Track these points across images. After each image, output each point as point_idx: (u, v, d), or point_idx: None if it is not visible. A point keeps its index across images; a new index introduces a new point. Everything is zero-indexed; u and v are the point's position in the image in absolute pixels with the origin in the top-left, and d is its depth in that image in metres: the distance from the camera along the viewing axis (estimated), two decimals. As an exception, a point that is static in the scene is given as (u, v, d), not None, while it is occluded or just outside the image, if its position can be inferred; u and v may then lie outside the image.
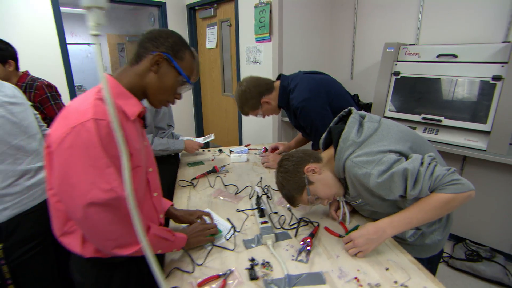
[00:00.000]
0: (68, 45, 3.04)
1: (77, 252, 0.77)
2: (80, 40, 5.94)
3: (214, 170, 1.58)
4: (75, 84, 3.18)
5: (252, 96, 1.54)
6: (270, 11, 2.70)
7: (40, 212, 1.21)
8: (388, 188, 0.90)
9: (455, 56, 2.01)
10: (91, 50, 6.03)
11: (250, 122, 3.28)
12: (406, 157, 0.93)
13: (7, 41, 1.69)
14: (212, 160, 1.80)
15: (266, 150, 1.88)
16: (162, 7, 3.63)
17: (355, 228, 1.00)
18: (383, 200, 0.96)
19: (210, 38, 3.64)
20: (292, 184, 1.01)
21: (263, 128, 3.06)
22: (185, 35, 3.87)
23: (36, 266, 1.24)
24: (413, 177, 0.87)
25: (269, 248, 0.98)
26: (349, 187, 1.02)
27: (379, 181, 0.89)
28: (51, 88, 1.82)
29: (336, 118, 1.10)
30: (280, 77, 1.63)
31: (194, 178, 1.52)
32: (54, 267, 1.33)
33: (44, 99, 1.77)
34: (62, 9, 2.95)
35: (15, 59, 1.73)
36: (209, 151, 1.98)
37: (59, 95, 1.87)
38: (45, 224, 1.26)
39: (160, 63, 0.80)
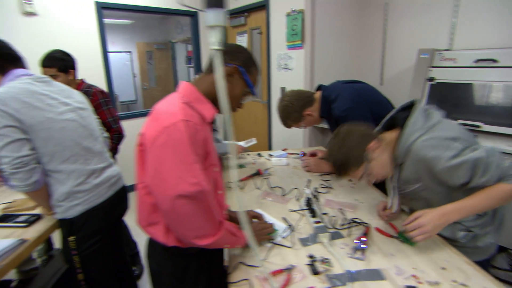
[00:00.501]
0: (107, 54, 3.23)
1: (161, 241, 0.86)
2: (118, 48, 6.19)
3: (258, 173, 1.66)
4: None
5: (294, 109, 1.59)
6: (303, 19, 2.77)
7: (105, 209, 1.32)
8: (455, 174, 0.93)
9: (495, 61, 2.00)
10: (128, 58, 6.29)
11: (280, 128, 3.34)
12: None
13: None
14: (253, 163, 1.87)
15: (304, 154, 1.94)
16: (194, 16, 3.78)
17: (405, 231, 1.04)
18: (442, 187, 1.00)
19: (240, 46, 3.75)
20: (352, 157, 1.01)
21: (293, 134, 3.12)
22: (215, 42, 4.00)
23: (101, 257, 1.35)
24: (484, 166, 0.90)
25: (326, 245, 1.03)
26: (408, 172, 1.04)
27: (448, 165, 0.92)
28: (104, 94, 1.96)
29: (398, 107, 1.11)
30: (319, 88, 1.69)
31: (240, 180, 1.60)
32: (113, 258, 1.44)
33: (98, 105, 1.90)
34: (105, 20, 3.15)
35: (74, 68, 1.88)
36: (248, 154, 2.06)
37: (110, 101, 2.01)
38: (108, 220, 1.38)
39: (233, 74, 0.89)
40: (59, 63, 1.79)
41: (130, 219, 1.56)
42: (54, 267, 1.72)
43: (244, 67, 0.90)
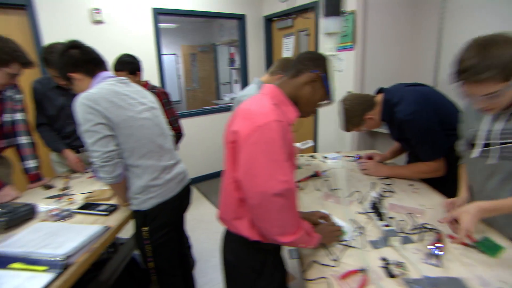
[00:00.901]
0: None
1: (245, 234, 0.91)
2: (165, 51, 6.50)
3: (315, 175, 1.67)
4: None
5: (356, 114, 1.58)
6: (354, 20, 2.73)
7: (174, 203, 1.41)
8: None
9: None
10: (175, 60, 6.59)
11: (325, 131, 3.32)
12: None
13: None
14: (308, 165, 1.89)
15: (360, 157, 1.92)
16: (242, 19, 3.88)
17: (485, 241, 0.99)
18: None
19: (286, 48, 3.78)
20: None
21: (339, 137, 3.08)
22: (261, 44, 4.08)
23: (169, 248, 1.45)
24: None
25: (398, 249, 1.02)
26: None
27: None
28: (166, 95, 2.09)
29: None
30: (380, 90, 1.66)
31: (299, 181, 1.62)
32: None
33: (161, 105, 2.03)
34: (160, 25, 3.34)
35: (140, 70, 2.03)
36: (301, 156, 2.08)
37: (171, 102, 2.14)
38: (176, 213, 1.47)
39: (316, 81, 0.93)
40: (129, 66, 1.95)
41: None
42: (119, 257, 1.86)
43: (326, 74, 0.95)
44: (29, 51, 1.57)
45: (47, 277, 0.95)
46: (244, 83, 4.14)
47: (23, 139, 1.74)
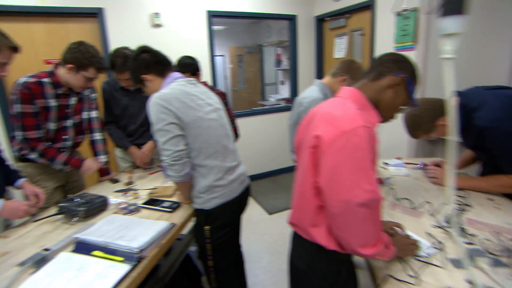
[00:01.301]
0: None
1: (321, 243, 0.88)
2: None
3: (379, 182, 1.58)
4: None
5: (426, 120, 1.45)
6: (416, 18, 2.56)
7: (236, 204, 1.42)
8: None
9: None
10: (223, 62, 6.76)
11: (383, 136, 3.15)
12: None
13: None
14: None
15: (425, 165, 1.78)
16: (293, 19, 3.84)
17: None
18: None
19: (338, 48, 3.67)
20: None
21: (395, 143, 2.91)
22: (311, 45, 4.00)
23: (228, 247, 1.47)
24: None
25: (488, 272, 0.92)
26: None
27: None
28: (224, 95, 2.13)
29: None
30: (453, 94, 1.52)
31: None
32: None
33: (220, 105, 2.08)
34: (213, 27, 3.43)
35: (199, 71, 2.09)
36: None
37: (228, 102, 2.17)
38: (237, 214, 1.48)
39: (399, 84, 0.87)
40: (190, 68, 2.01)
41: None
42: (176, 253, 1.92)
43: (411, 78, 0.89)
44: None
45: (124, 267, 1.00)
46: (293, 84, 4.09)
47: (97, 136, 1.88)
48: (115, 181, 1.86)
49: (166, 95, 1.24)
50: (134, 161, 2.05)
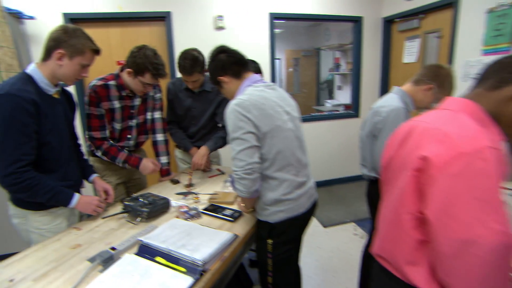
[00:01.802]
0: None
1: (420, 286, 0.72)
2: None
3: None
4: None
5: None
6: (515, 17, 2.19)
7: (302, 219, 1.31)
8: None
9: None
10: (280, 65, 6.71)
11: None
12: None
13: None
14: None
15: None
16: (358, 21, 3.61)
17: None
18: None
19: (409, 52, 3.36)
20: None
21: None
22: (377, 48, 3.73)
23: (289, 264, 1.36)
24: None
25: None
26: None
27: None
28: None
29: None
30: None
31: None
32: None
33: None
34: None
35: (261, 73, 2.02)
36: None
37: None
38: (302, 230, 1.37)
39: None
40: (253, 71, 1.95)
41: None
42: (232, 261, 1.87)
43: None
44: (164, 57, 1.70)
45: (187, 280, 0.95)
46: (356, 89, 3.84)
47: (160, 136, 1.91)
48: (175, 182, 1.87)
49: (245, 101, 1.16)
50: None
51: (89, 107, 1.59)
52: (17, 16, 2.67)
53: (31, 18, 2.71)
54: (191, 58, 1.78)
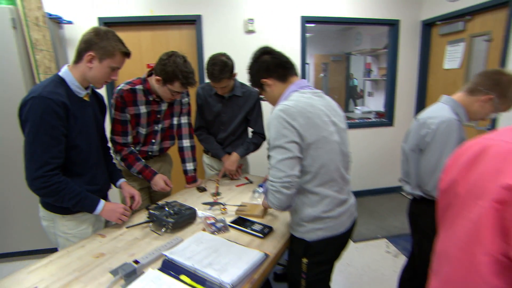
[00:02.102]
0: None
1: None
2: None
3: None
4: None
5: None
6: None
7: (342, 239, 1.19)
8: None
9: None
10: (310, 70, 6.62)
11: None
12: None
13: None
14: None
15: None
16: (395, 25, 3.42)
17: None
18: None
19: (450, 57, 3.12)
20: None
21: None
22: (415, 53, 3.51)
23: (324, 285, 1.25)
24: None
25: None
26: None
27: None
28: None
29: None
30: None
31: None
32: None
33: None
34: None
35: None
36: None
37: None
38: (341, 250, 1.24)
39: None
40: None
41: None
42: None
43: None
44: (193, 61, 1.65)
45: (214, 306, 0.86)
46: (390, 96, 3.62)
47: (186, 142, 1.86)
48: (202, 189, 1.80)
49: (291, 108, 1.06)
50: (226, 171, 1.97)
51: (114, 111, 1.59)
52: (57, 21, 2.77)
53: (69, 22, 2.80)
54: (219, 64, 1.72)
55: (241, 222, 1.36)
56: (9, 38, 2.23)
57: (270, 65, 1.17)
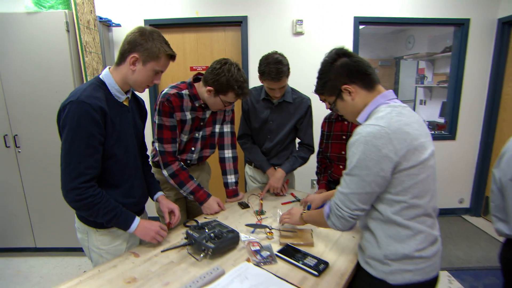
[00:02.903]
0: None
1: None
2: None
3: None
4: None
5: None
6: None
7: (431, 286, 0.95)
8: None
9: None
10: None
11: None
12: None
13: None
14: None
15: None
16: (463, 25, 3.01)
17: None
18: None
19: (535, 61, 2.66)
20: None
21: None
22: (487, 56, 3.07)
23: None
24: None
25: None
26: None
27: None
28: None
29: None
30: None
31: None
32: None
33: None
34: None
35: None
36: None
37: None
38: None
39: None
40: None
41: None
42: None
43: None
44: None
45: None
46: (453, 106, 3.19)
47: (228, 153, 1.70)
48: (244, 205, 1.63)
49: (384, 131, 0.84)
50: (270, 188, 1.79)
51: (161, 117, 1.45)
52: (107, 24, 2.81)
53: (117, 25, 2.82)
54: (276, 62, 1.56)
55: (291, 252, 1.16)
56: (62, 41, 2.27)
57: (353, 70, 0.95)
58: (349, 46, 2.92)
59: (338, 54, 0.99)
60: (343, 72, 0.96)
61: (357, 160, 0.85)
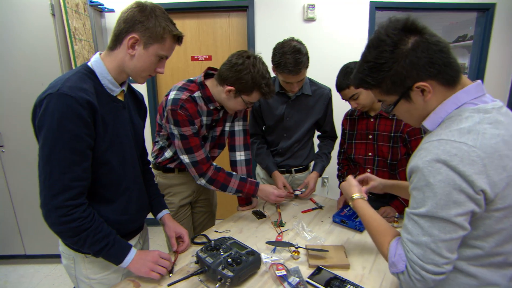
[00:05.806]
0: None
1: None
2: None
3: None
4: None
5: None
6: None
7: None
8: None
9: None
10: None
11: None
12: None
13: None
14: None
15: None
16: (488, 10, 2.78)
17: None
18: None
19: None
20: None
21: None
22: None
23: None
24: None
25: None
26: None
27: None
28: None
29: None
30: None
31: None
32: None
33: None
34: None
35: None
36: None
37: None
38: None
39: None
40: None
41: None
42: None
43: None
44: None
45: None
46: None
47: (240, 155, 1.47)
48: (260, 215, 1.42)
49: (476, 157, 0.58)
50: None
51: (180, 127, 1.20)
52: (99, 9, 2.55)
53: (111, 11, 2.56)
54: (293, 51, 1.31)
55: (325, 277, 0.95)
56: (47, 26, 2.02)
57: (434, 57, 0.63)
58: (364, 34, 2.69)
59: (406, 30, 0.64)
60: (418, 63, 0.64)
61: (436, 195, 0.60)
